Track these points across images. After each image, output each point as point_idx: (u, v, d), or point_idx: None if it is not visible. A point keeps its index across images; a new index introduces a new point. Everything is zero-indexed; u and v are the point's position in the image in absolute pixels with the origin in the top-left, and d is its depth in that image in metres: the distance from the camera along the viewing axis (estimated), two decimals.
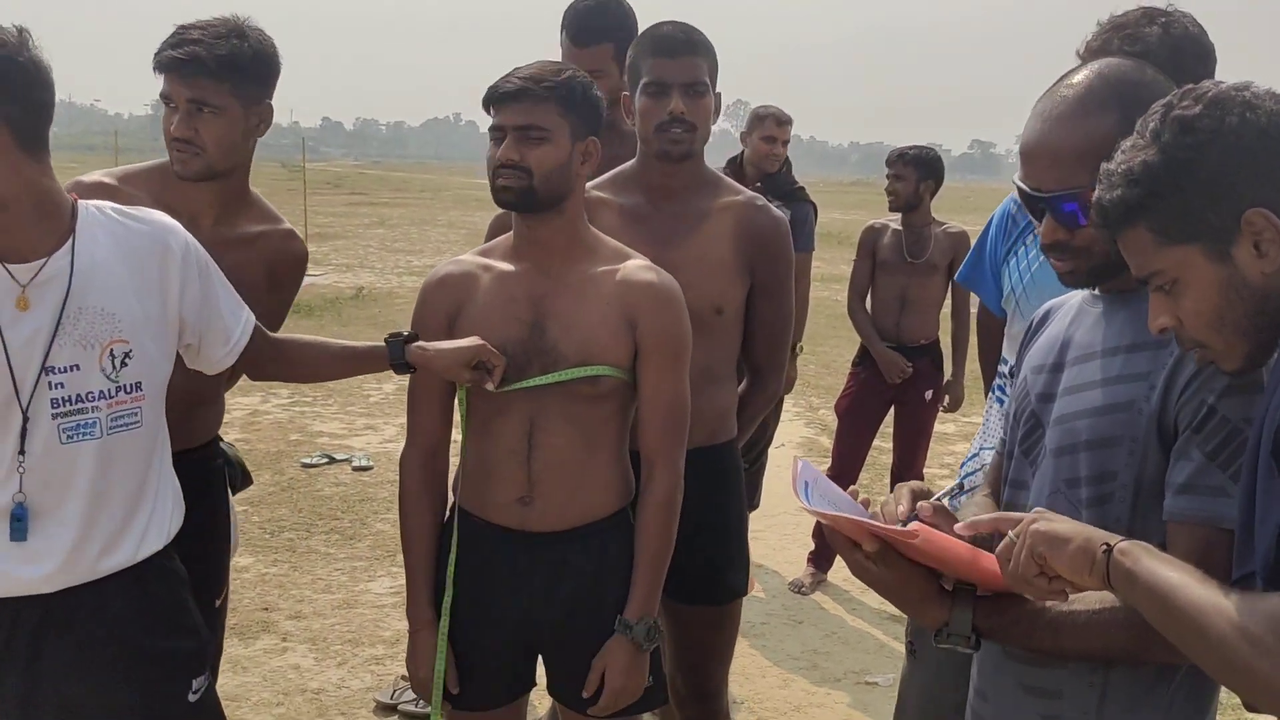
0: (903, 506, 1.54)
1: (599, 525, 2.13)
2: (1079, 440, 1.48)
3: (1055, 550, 1.29)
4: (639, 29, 2.94)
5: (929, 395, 4.93)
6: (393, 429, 7.11)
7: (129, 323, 1.85)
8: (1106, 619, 1.37)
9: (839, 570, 4.85)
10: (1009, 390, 2.40)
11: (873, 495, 1.57)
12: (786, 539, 5.44)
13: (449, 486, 2.24)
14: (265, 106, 2.26)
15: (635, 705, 2.15)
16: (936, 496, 1.56)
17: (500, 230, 2.32)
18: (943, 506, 1.56)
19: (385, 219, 26.62)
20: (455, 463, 2.22)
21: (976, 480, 2.39)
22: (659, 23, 2.48)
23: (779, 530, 5.51)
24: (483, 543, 2.13)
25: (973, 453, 2.51)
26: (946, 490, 1.62)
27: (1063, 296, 1.69)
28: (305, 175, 20.79)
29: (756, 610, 4.58)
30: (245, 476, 2.63)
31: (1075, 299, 1.64)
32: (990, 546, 1.64)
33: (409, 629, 2.18)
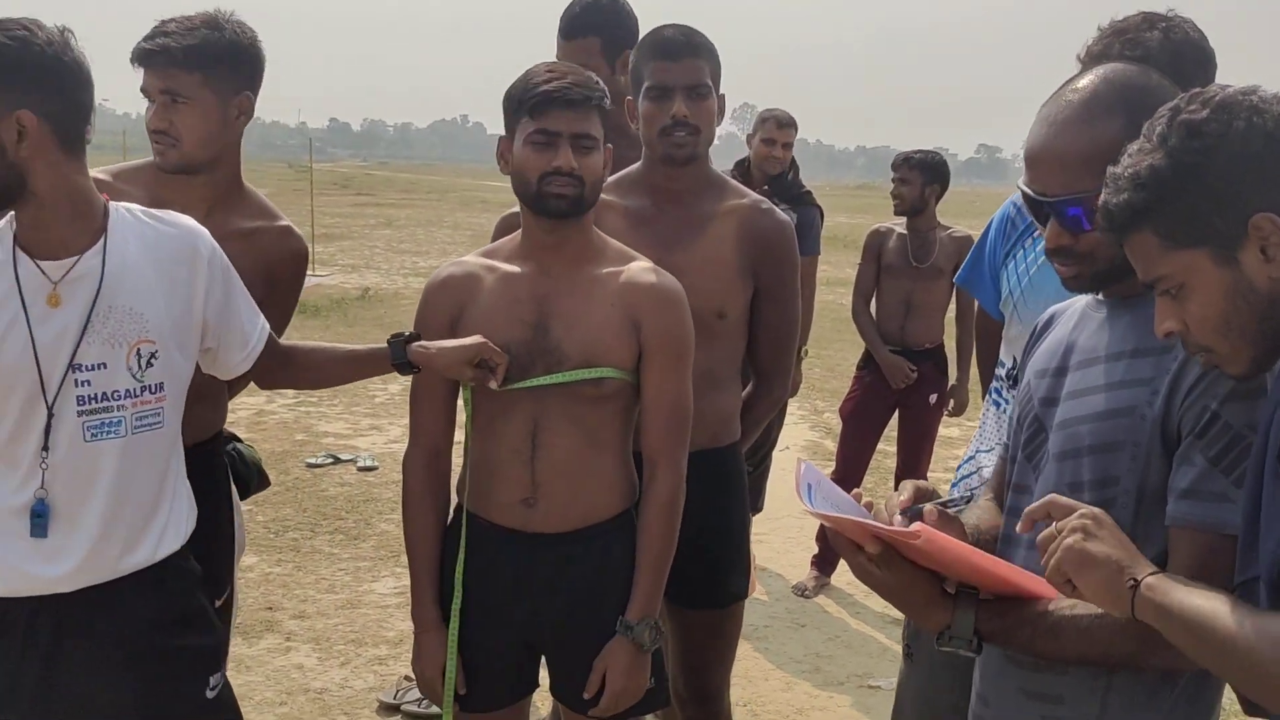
0: (904, 497, 1.53)
1: (603, 527, 2.12)
2: (1082, 445, 1.48)
3: (1082, 574, 1.29)
4: (637, 29, 2.95)
5: (933, 399, 4.93)
6: (398, 429, 7.11)
7: (156, 324, 1.86)
8: (1109, 624, 1.37)
9: (842, 574, 4.85)
10: (1005, 393, 2.40)
11: (877, 499, 1.57)
12: (790, 542, 5.44)
13: (452, 488, 2.24)
14: (244, 98, 2.24)
15: (637, 706, 2.15)
16: (940, 501, 1.56)
17: (506, 231, 2.33)
18: (947, 514, 1.55)
19: (392, 220, 26.66)
20: (459, 464, 2.23)
21: (973, 483, 2.39)
22: (660, 26, 2.47)
23: (783, 533, 5.51)
24: (487, 544, 2.14)
25: (968, 455, 2.50)
26: (954, 500, 1.61)
27: (1066, 301, 1.68)
28: (312, 176, 20.77)
29: (760, 613, 4.58)
30: (262, 478, 2.60)
31: (1079, 303, 1.63)
32: (991, 548, 1.64)
33: (414, 630, 2.19)
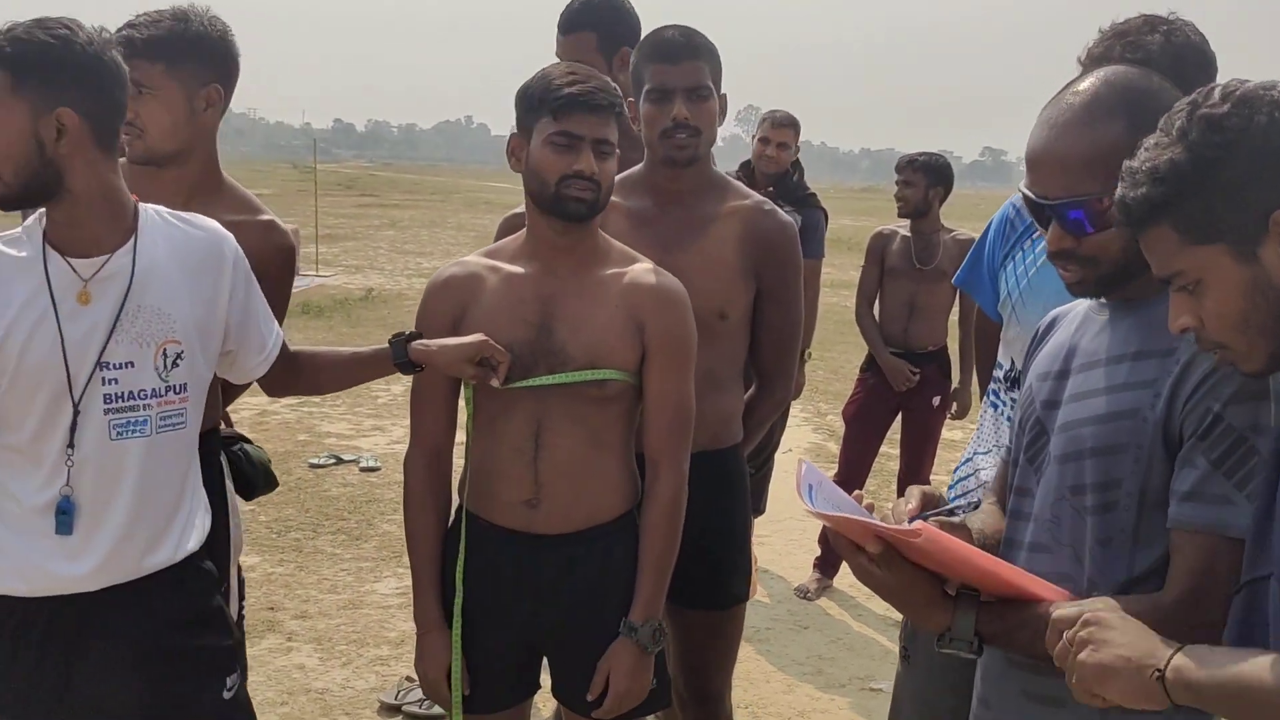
0: (912, 504, 1.53)
1: (605, 528, 2.12)
2: (1084, 447, 1.48)
3: (1106, 687, 1.25)
4: (638, 26, 2.95)
5: (936, 402, 4.92)
6: (400, 430, 7.11)
7: (182, 325, 1.87)
8: None
9: (844, 576, 4.84)
10: (1002, 395, 2.40)
11: (879, 502, 1.57)
12: (792, 544, 5.43)
13: (454, 488, 2.24)
14: (213, 89, 2.22)
15: (639, 707, 2.14)
16: (946, 509, 1.55)
17: (509, 232, 2.32)
18: (953, 521, 1.55)
19: (396, 221, 26.67)
20: (460, 465, 2.23)
21: (970, 485, 2.39)
22: (660, 27, 2.46)
23: (785, 535, 5.51)
24: (488, 545, 2.13)
25: (965, 458, 2.49)
26: (959, 508, 1.60)
27: (1068, 304, 1.68)
28: (316, 176, 20.80)
29: (762, 615, 4.58)
30: (270, 479, 2.54)
31: (1081, 306, 1.63)
32: (996, 552, 1.63)
33: (417, 631, 2.19)
